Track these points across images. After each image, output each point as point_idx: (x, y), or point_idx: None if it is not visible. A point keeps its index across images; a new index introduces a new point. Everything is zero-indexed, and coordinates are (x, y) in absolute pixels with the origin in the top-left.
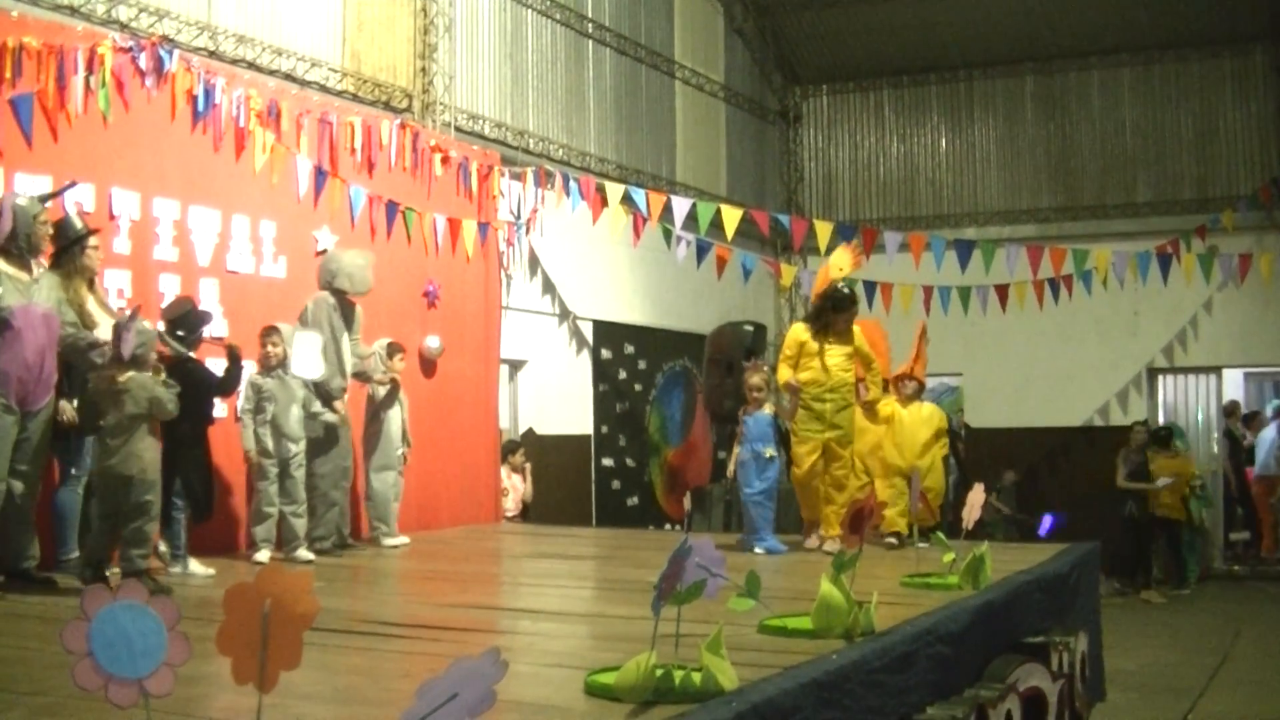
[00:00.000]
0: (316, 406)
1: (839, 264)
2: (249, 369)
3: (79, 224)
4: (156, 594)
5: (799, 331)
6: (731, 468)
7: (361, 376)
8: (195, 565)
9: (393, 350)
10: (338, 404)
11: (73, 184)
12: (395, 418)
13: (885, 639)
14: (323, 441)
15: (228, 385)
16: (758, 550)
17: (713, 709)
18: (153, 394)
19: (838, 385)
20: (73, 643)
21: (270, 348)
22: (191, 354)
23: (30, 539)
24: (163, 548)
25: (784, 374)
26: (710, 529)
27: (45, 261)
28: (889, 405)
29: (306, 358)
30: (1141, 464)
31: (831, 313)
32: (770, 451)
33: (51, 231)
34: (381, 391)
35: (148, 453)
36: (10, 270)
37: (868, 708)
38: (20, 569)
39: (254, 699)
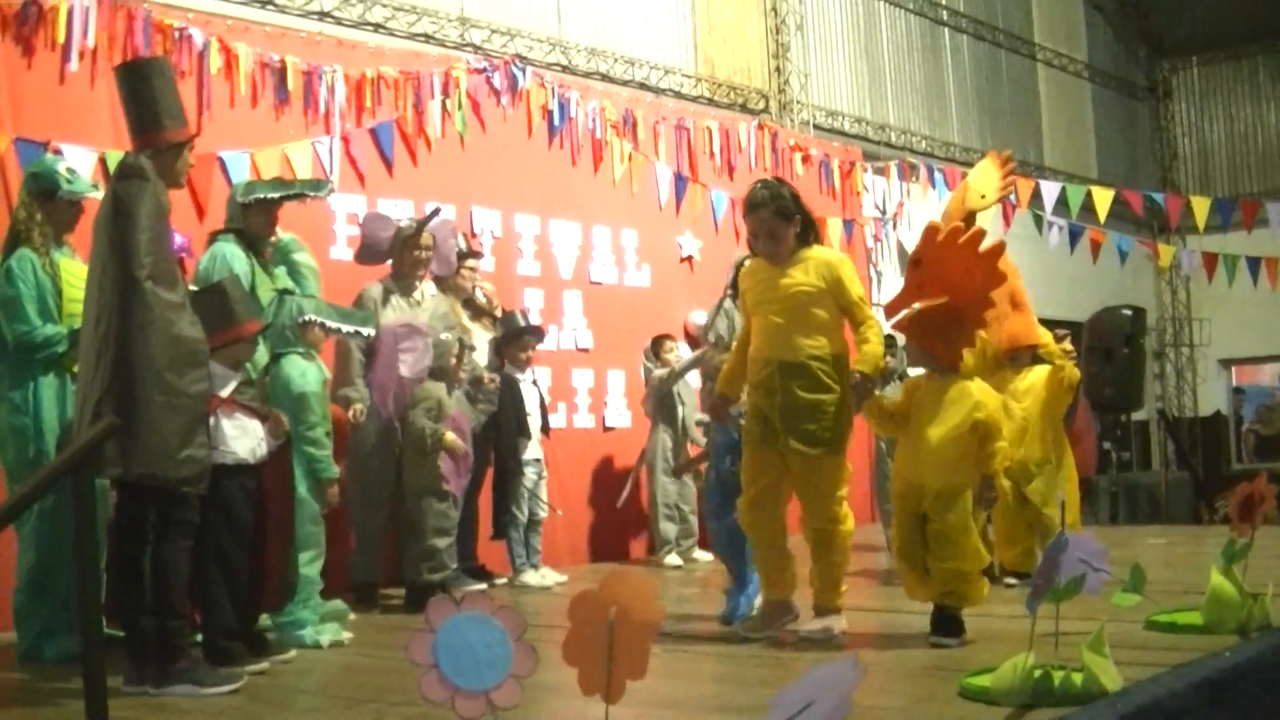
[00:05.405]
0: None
1: (980, 187)
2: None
3: (462, 245)
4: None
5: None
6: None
7: None
8: (547, 573)
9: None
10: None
11: (437, 210)
12: None
13: None
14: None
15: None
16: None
17: (1094, 711)
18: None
19: (776, 357)
20: (418, 655)
21: (667, 355)
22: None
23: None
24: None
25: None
26: (1097, 522)
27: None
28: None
29: None
30: None
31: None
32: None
33: (427, 255)
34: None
35: (422, 468)
36: (396, 289)
37: (1265, 710)
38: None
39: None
